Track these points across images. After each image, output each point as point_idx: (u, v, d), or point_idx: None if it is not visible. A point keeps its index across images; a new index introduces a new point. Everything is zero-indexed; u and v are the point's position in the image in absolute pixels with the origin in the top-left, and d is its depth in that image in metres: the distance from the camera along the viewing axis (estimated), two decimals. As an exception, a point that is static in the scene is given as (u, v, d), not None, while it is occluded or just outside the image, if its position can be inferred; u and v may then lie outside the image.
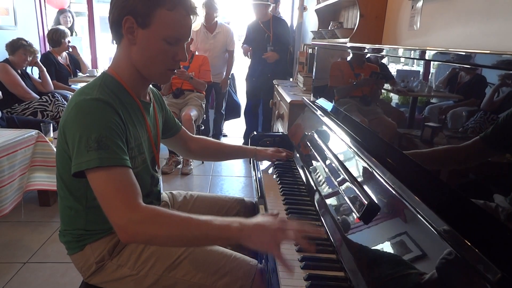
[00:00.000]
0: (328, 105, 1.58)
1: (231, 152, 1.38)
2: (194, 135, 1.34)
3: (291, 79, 3.87)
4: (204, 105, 3.52)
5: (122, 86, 0.95)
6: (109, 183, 0.80)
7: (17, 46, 3.08)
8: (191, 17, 0.93)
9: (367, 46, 1.21)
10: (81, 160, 0.81)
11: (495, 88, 0.61)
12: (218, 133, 4.17)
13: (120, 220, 0.77)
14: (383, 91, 1.09)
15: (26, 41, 3.13)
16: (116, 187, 0.80)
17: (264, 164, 1.45)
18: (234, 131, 4.70)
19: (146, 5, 0.87)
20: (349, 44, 1.62)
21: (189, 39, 0.97)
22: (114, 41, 0.96)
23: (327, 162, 1.16)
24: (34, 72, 3.51)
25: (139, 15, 0.87)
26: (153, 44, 0.90)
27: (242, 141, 4.00)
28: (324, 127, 1.41)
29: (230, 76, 4.25)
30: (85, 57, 4.49)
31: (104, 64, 5.09)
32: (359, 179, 0.95)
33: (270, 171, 1.39)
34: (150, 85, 1.09)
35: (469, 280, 0.53)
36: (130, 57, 0.93)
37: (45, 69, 3.32)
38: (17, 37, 3.16)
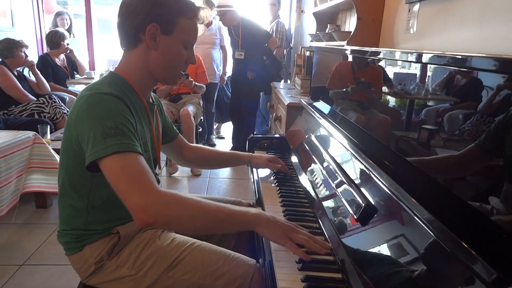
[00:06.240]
0: (326, 108, 1.59)
1: (225, 160, 1.39)
2: (190, 144, 1.34)
3: (282, 82, 3.89)
4: (201, 104, 3.54)
5: (130, 86, 0.98)
6: (127, 168, 0.80)
7: (12, 46, 3.06)
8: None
9: (364, 49, 1.22)
10: (98, 148, 0.81)
11: (491, 90, 0.62)
12: (210, 133, 4.19)
13: (141, 201, 0.77)
14: (380, 93, 1.10)
15: (13, 39, 3.13)
16: (133, 171, 0.80)
17: (264, 172, 1.43)
18: (231, 133, 4.69)
19: (170, 14, 0.94)
20: (346, 47, 1.63)
21: None
22: (125, 45, 0.98)
23: (325, 164, 1.17)
24: (31, 74, 3.50)
25: (164, 23, 0.93)
26: (174, 50, 0.97)
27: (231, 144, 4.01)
28: (322, 130, 1.42)
29: (226, 78, 4.27)
30: (83, 59, 4.49)
31: (101, 66, 5.09)
32: (357, 181, 0.95)
33: (271, 178, 1.37)
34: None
35: (465, 280, 0.53)
36: (147, 60, 0.97)
37: (39, 73, 3.30)
38: (3, 38, 3.12)
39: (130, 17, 0.93)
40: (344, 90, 1.44)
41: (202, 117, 3.63)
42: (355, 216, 0.84)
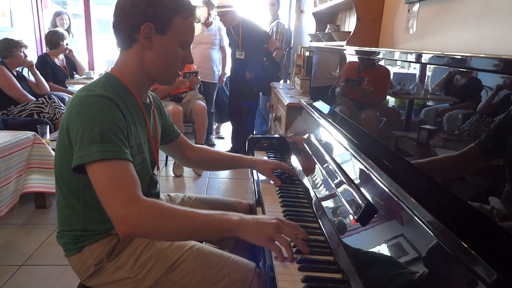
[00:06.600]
0: (325, 108, 1.59)
1: (228, 163, 1.38)
2: (193, 144, 1.33)
3: (282, 82, 3.89)
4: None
5: (125, 86, 0.97)
6: (110, 176, 0.80)
7: (11, 46, 3.06)
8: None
9: (364, 49, 1.22)
10: (84, 153, 0.81)
11: (491, 91, 0.62)
12: (209, 133, 4.20)
13: (121, 212, 0.77)
14: (379, 93, 1.10)
15: (13, 39, 3.13)
16: (117, 179, 0.80)
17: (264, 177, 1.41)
18: (230, 133, 4.69)
19: (166, 13, 0.92)
20: (346, 47, 1.63)
21: None
22: (121, 46, 0.98)
23: (325, 164, 1.17)
24: (30, 74, 3.50)
25: (158, 22, 0.92)
26: (170, 49, 0.96)
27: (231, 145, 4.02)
28: (321, 129, 1.41)
29: (225, 79, 4.28)
30: (82, 59, 4.49)
31: (101, 66, 5.09)
32: (356, 181, 0.95)
33: (271, 181, 1.37)
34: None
35: (465, 281, 0.53)
36: (143, 61, 0.96)
37: (38, 73, 3.30)
38: (2, 38, 3.12)
39: (125, 17, 0.92)
40: (343, 90, 1.44)
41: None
42: (355, 216, 0.84)
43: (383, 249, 0.73)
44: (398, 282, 0.65)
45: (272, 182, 1.34)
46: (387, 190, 0.81)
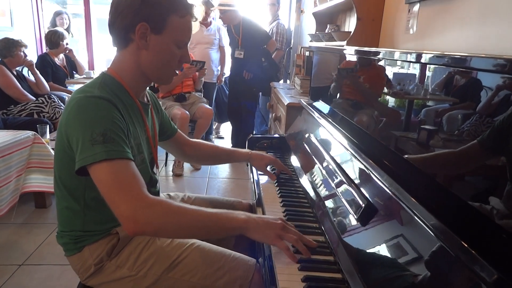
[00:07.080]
0: (325, 108, 1.59)
1: (224, 156, 1.39)
2: (190, 139, 1.34)
3: (282, 82, 3.89)
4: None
5: (122, 86, 0.97)
6: (116, 175, 0.80)
7: (11, 45, 3.06)
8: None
9: (364, 49, 1.22)
10: (87, 154, 0.81)
11: (490, 91, 0.62)
12: (209, 133, 4.21)
13: (129, 210, 0.77)
14: (379, 93, 1.10)
15: (12, 38, 3.13)
16: (123, 178, 0.80)
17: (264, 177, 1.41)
18: (230, 133, 4.69)
19: (161, 13, 0.91)
20: (346, 47, 1.63)
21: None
22: (117, 45, 0.97)
23: (325, 164, 1.17)
24: (30, 74, 3.50)
25: (153, 22, 0.91)
26: (166, 49, 0.95)
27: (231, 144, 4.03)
28: (321, 129, 1.42)
29: (224, 78, 4.28)
30: (82, 58, 4.49)
31: (101, 65, 5.09)
32: (357, 181, 0.95)
33: (264, 181, 1.37)
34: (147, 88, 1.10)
35: (466, 281, 0.53)
36: (139, 60, 0.96)
37: (38, 72, 3.30)
38: (2, 38, 3.12)
39: (120, 17, 0.91)
40: (343, 90, 1.44)
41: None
42: (355, 216, 0.84)
43: (383, 249, 0.73)
44: (398, 281, 0.65)
45: (272, 180, 1.34)
46: (387, 190, 0.81)
